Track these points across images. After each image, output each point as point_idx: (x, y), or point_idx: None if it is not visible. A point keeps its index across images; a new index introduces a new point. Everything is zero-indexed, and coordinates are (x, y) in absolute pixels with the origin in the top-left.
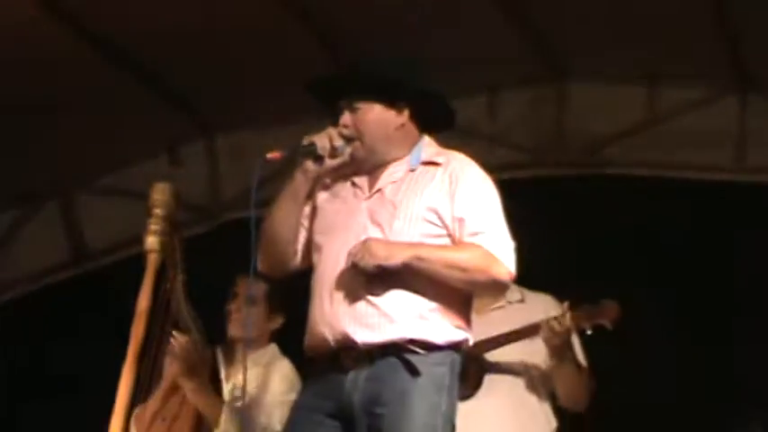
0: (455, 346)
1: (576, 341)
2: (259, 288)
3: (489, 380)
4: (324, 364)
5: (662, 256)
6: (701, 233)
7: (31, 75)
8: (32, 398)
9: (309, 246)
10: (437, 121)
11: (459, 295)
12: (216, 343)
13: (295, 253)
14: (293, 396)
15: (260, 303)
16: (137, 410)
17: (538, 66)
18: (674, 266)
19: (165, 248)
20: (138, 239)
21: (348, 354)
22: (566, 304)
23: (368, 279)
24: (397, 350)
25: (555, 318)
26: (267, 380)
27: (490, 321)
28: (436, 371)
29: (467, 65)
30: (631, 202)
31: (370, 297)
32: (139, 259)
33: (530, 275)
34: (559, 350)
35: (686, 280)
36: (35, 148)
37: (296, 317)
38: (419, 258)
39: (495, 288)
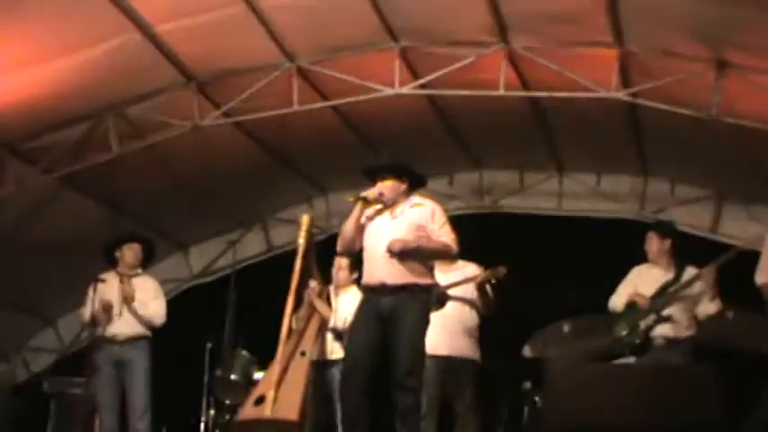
0: (432, 286)
1: (487, 285)
2: (342, 260)
3: (450, 303)
4: (371, 293)
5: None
6: None
7: None
8: None
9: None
10: (419, 184)
11: (430, 262)
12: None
13: (355, 243)
14: None
15: (345, 268)
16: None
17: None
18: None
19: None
20: None
21: (383, 289)
22: (482, 269)
23: (393, 255)
24: (407, 287)
25: (479, 274)
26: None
27: (450, 276)
28: (424, 297)
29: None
30: None
31: (394, 262)
32: None
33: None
34: (481, 289)
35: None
36: None
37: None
38: (419, 246)
39: (452, 258)
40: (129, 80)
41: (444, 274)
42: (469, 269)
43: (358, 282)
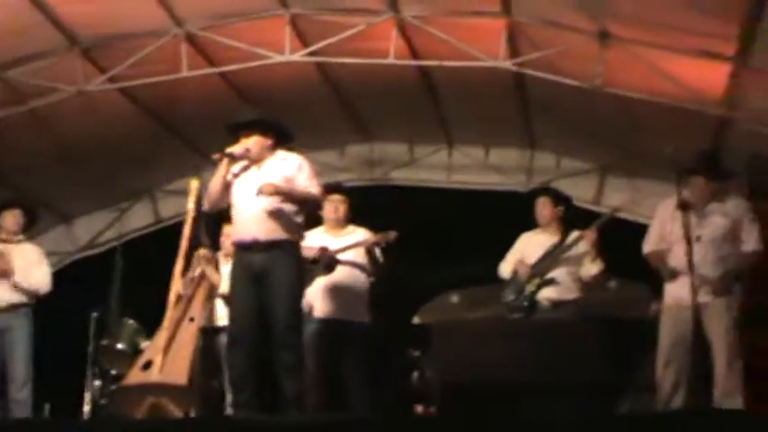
0: (300, 243)
1: (377, 249)
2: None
3: (340, 267)
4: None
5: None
6: None
7: None
8: None
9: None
10: (285, 140)
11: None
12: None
13: (222, 200)
14: None
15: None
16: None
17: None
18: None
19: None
20: None
21: (255, 245)
22: (372, 233)
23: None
24: (279, 244)
25: (369, 238)
26: None
27: (341, 241)
28: (296, 253)
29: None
30: None
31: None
32: None
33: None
34: (369, 252)
35: None
36: None
37: None
38: (289, 190)
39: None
40: (8, 41)
41: (335, 239)
42: (359, 233)
43: None
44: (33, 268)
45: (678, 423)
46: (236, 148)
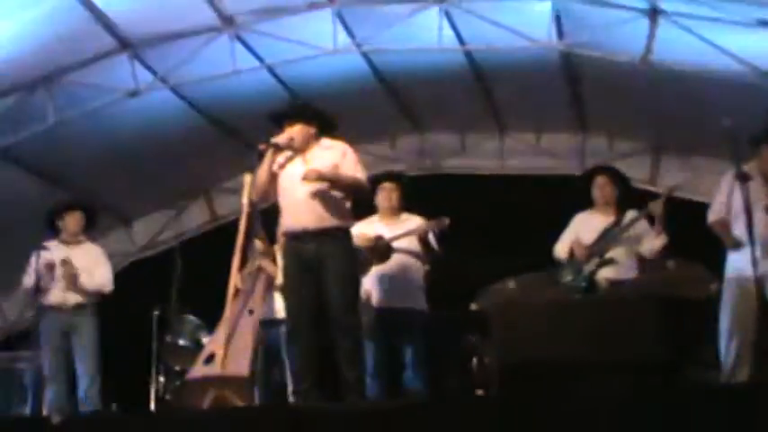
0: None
1: (431, 236)
2: None
3: (395, 255)
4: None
5: None
6: None
7: None
8: None
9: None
10: (328, 127)
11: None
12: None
13: (269, 192)
14: None
15: None
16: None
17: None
18: None
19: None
20: None
21: (305, 235)
22: (426, 220)
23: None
24: (329, 231)
25: (422, 226)
26: None
27: (395, 229)
28: (347, 239)
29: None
30: None
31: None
32: None
33: None
34: (423, 240)
35: None
36: None
37: None
38: (334, 176)
39: (363, 191)
40: (62, 47)
41: (389, 227)
42: (413, 221)
43: None
44: (96, 268)
45: (742, 395)
46: (280, 138)
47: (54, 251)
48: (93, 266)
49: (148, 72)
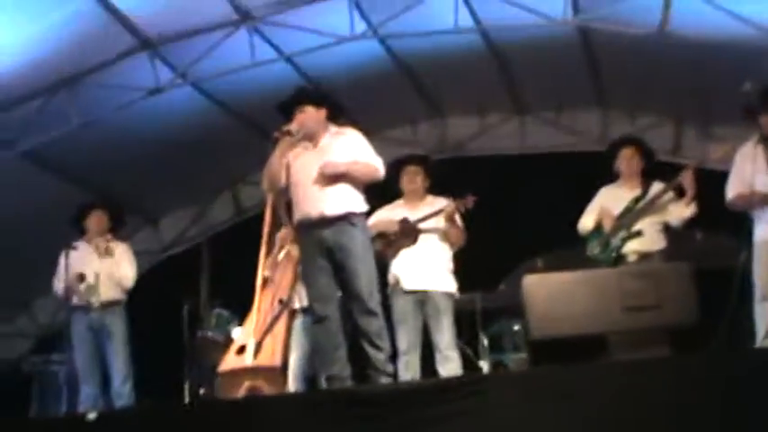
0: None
1: (457, 216)
2: None
3: (422, 237)
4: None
5: None
6: None
7: None
8: None
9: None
10: (337, 111)
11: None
12: None
13: (282, 180)
14: None
15: None
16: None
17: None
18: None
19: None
20: None
21: (322, 221)
22: (452, 199)
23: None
24: (346, 217)
25: (447, 206)
26: None
27: (420, 211)
28: (363, 223)
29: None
30: None
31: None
32: None
33: None
34: (450, 219)
35: None
36: None
37: None
38: (350, 169)
39: (378, 179)
40: (83, 49)
41: (414, 210)
42: (438, 202)
43: None
44: (121, 264)
45: None
46: (292, 125)
47: (82, 251)
48: (119, 260)
49: (169, 69)
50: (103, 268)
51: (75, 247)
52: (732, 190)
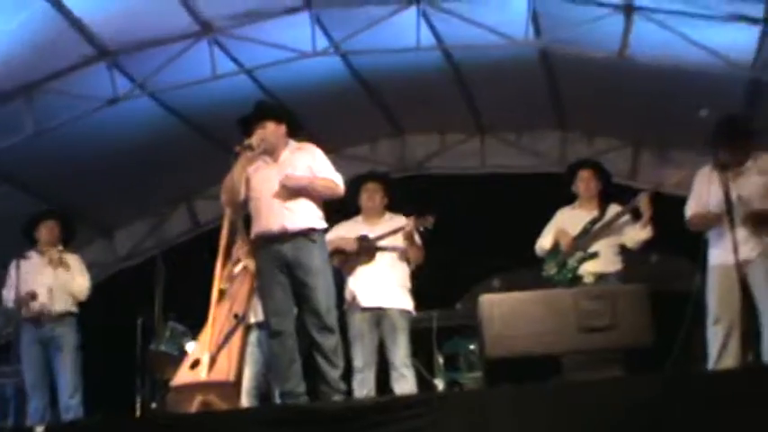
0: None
1: (416, 234)
2: None
3: (380, 254)
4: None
5: None
6: None
7: None
8: None
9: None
10: (296, 127)
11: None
12: None
13: (240, 195)
14: None
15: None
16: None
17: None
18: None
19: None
20: None
21: (283, 236)
22: (412, 218)
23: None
24: (306, 233)
25: (407, 224)
26: None
27: (378, 229)
28: (322, 240)
29: None
30: None
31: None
32: None
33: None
34: (409, 238)
35: None
36: None
37: None
38: (311, 182)
39: (338, 195)
40: (39, 56)
41: (372, 227)
42: (397, 220)
43: None
44: (74, 276)
45: (730, 381)
46: (253, 139)
47: (33, 261)
48: (72, 275)
49: (127, 80)
50: (57, 280)
51: (27, 257)
52: (690, 209)
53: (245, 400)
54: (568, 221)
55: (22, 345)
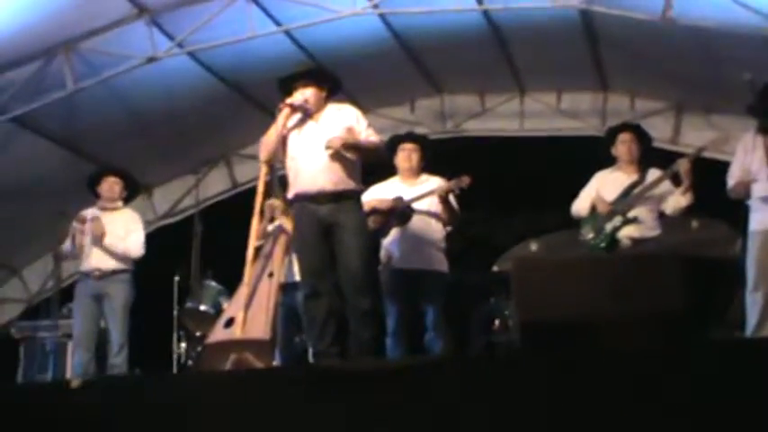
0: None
1: (451, 196)
2: None
3: (416, 216)
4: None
5: None
6: None
7: None
8: None
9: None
10: (337, 89)
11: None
12: None
13: (279, 152)
14: None
15: None
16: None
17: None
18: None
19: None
20: None
21: (322, 196)
22: (446, 179)
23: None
24: (346, 194)
25: (442, 185)
26: None
27: (415, 190)
28: (360, 201)
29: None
30: None
31: (332, 168)
32: None
33: None
34: (445, 200)
35: None
36: None
37: None
38: (357, 142)
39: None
40: (78, 14)
41: (408, 188)
42: (434, 182)
43: None
44: (128, 233)
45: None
46: (296, 99)
47: (91, 216)
48: (124, 233)
49: (166, 38)
50: (111, 237)
51: (83, 218)
52: (732, 178)
53: (279, 359)
54: (607, 184)
55: (76, 297)
